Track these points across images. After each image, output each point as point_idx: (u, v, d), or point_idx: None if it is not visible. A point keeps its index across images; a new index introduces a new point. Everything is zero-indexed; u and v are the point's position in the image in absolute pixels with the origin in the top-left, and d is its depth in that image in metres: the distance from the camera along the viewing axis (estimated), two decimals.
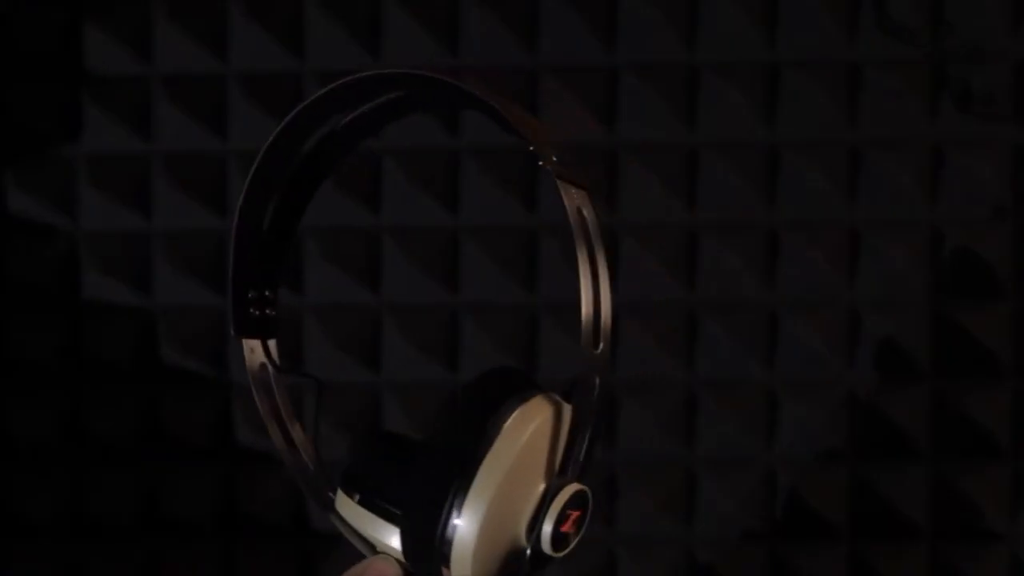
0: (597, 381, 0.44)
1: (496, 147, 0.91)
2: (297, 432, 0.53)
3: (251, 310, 0.52)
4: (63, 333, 0.94)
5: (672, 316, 0.91)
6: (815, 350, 0.91)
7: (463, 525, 0.43)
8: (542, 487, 0.45)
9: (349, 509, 0.49)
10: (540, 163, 0.44)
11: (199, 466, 0.94)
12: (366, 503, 0.48)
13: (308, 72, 0.92)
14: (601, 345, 0.44)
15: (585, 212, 0.44)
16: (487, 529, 0.44)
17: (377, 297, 0.93)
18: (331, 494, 0.51)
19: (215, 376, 0.93)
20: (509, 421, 0.45)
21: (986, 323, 0.90)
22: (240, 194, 0.50)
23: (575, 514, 0.45)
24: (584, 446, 0.45)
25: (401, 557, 0.47)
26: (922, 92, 0.90)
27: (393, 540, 0.47)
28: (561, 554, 0.45)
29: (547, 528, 0.44)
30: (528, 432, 0.45)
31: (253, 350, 0.53)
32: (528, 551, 0.45)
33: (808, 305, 0.91)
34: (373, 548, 0.49)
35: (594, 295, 0.44)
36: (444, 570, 0.45)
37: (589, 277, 0.43)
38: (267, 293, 0.52)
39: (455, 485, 0.44)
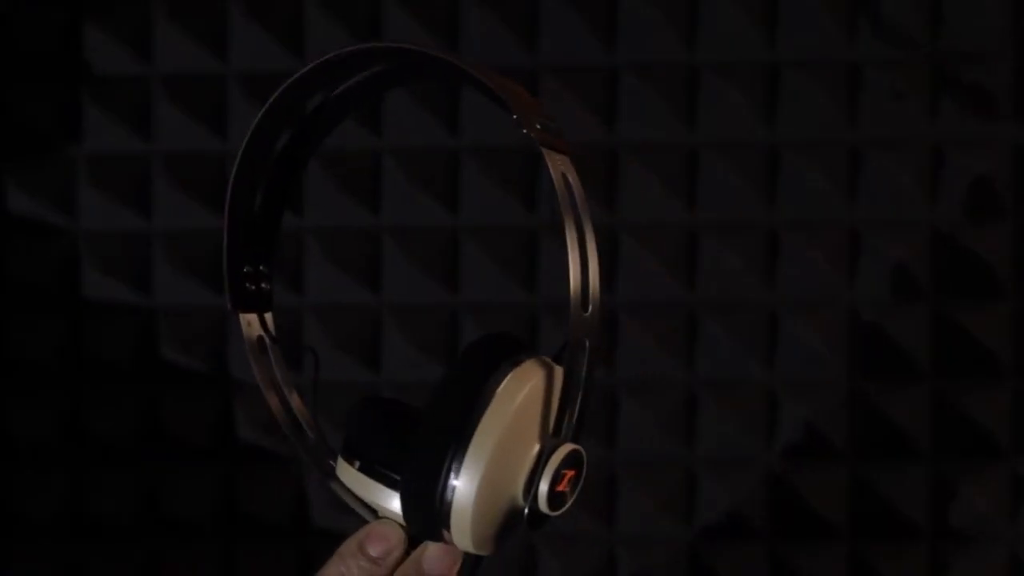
0: (587, 343, 0.45)
1: (496, 147, 0.91)
2: (295, 402, 0.55)
3: (247, 284, 0.53)
4: (63, 333, 0.94)
5: (672, 316, 0.91)
6: (815, 350, 0.91)
7: (462, 487, 0.44)
8: (537, 448, 0.46)
9: (350, 476, 0.50)
10: (524, 131, 0.44)
11: (199, 466, 0.94)
12: (366, 469, 0.49)
13: None
14: (590, 308, 0.44)
15: (569, 177, 0.45)
16: (485, 490, 0.45)
17: (377, 297, 0.93)
18: (332, 462, 0.53)
19: (215, 376, 0.93)
20: (503, 384, 0.46)
21: (986, 323, 0.90)
22: (232, 169, 0.50)
23: (570, 473, 0.46)
24: (577, 407, 0.46)
25: (403, 521, 0.48)
26: (922, 92, 0.90)
27: (394, 504, 0.48)
28: (557, 512, 0.47)
29: (543, 488, 0.45)
30: (522, 395, 0.46)
31: (250, 323, 0.54)
32: (526, 511, 0.46)
33: (808, 305, 0.91)
34: (375, 514, 0.50)
35: (582, 259, 0.44)
36: (444, 532, 0.46)
37: (576, 241, 0.44)
38: (261, 268, 0.53)
39: (452, 448, 0.45)
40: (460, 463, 0.45)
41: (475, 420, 0.45)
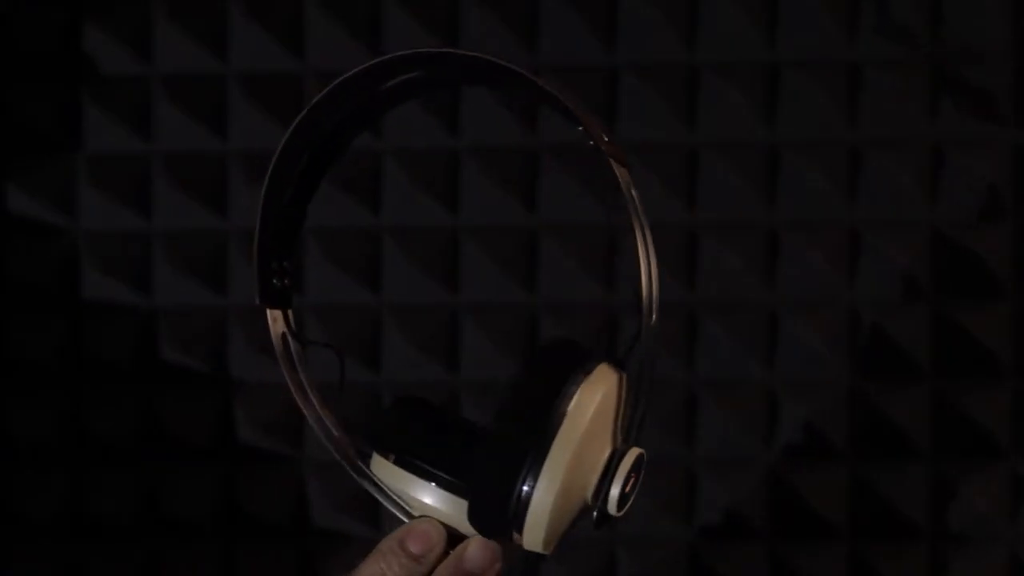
0: (651, 349, 0.47)
1: (496, 147, 0.91)
2: (318, 399, 0.55)
3: (273, 280, 0.53)
4: (63, 333, 0.94)
5: (672, 316, 0.91)
6: (815, 350, 0.91)
7: (539, 492, 0.45)
8: (607, 452, 0.47)
9: (386, 470, 0.51)
10: (591, 142, 0.46)
11: (199, 466, 0.94)
12: (403, 463, 0.50)
13: (308, 72, 0.92)
14: (654, 316, 0.47)
15: (633, 190, 0.48)
16: (561, 495, 0.46)
17: (377, 297, 0.93)
18: (359, 460, 0.53)
19: (215, 376, 0.93)
20: (579, 391, 0.47)
21: (986, 323, 0.90)
22: (271, 164, 0.51)
23: (634, 476, 0.48)
24: (641, 412, 0.47)
25: (442, 518, 0.49)
26: (922, 92, 0.90)
27: (429, 499, 0.49)
28: (622, 513, 0.48)
29: (615, 491, 0.47)
30: (596, 401, 0.47)
31: (275, 320, 0.54)
32: (595, 513, 0.47)
33: (808, 305, 0.91)
34: (407, 511, 0.51)
35: (648, 270, 0.47)
36: (516, 535, 0.47)
37: (646, 253, 0.47)
38: (285, 264, 0.54)
39: (531, 456, 0.45)
40: (539, 468, 0.45)
41: (553, 427, 0.46)
